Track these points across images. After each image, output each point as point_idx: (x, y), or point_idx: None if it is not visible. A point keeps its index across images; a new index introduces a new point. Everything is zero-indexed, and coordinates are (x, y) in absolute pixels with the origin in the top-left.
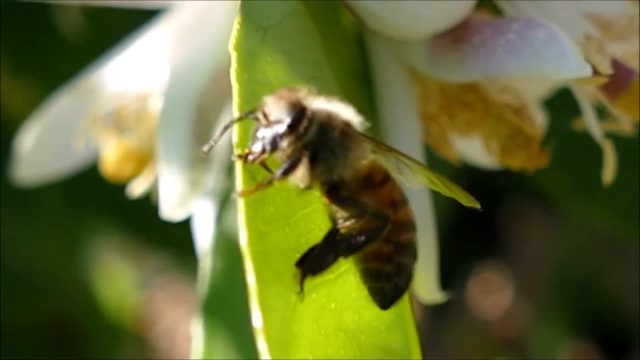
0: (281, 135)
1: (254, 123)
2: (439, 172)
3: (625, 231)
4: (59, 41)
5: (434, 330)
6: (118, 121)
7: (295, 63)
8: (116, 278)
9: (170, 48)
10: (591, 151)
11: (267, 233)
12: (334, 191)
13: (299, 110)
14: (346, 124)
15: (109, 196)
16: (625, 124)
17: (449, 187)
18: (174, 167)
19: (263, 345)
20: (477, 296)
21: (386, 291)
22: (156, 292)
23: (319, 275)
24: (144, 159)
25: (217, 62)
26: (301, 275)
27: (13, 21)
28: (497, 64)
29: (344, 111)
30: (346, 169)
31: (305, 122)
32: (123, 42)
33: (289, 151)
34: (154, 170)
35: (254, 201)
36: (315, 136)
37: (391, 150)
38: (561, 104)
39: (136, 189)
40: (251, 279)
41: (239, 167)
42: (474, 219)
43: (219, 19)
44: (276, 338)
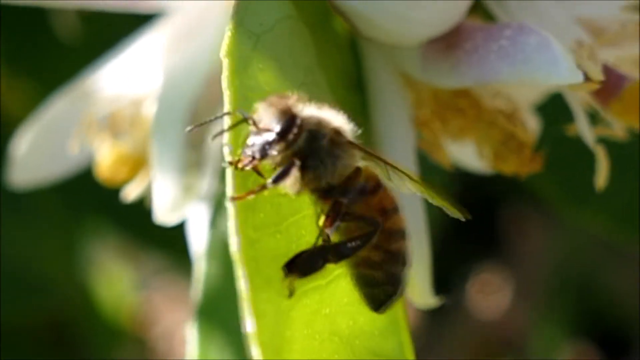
0: (271, 143)
1: (247, 130)
2: (430, 180)
3: (620, 235)
4: (56, 43)
5: (433, 331)
6: (113, 125)
7: (287, 69)
8: (114, 279)
9: (165, 52)
10: (584, 156)
11: (257, 239)
12: (324, 198)
13: (288, 118)
14: (336, 131)
15: (106, 198)
16: (617, 129)
17: (438, 196)
18: (168, 172)
19: (256, 350)
20: (476, 297)
21: (377, 297)
22: (154, 293)
23: (307, 279)
24: (138, 163)
25: (211, 67)
26: (287, 277)
27: (10, 23)
28: (490, 69)
29: (335, 118)
30: (335, 177)
31: (294, 130)
32: (119, 44)
33: (278, 158)
34: (148, 175)
35: (245, 208)
36: (304, 144)
37: (381, 158)
38: (555, 109)
39: (130, 193)
40: (243, 284)
41: (229, 173)
42: (473, 220)
43: (214, 24)
44: (269, 343)
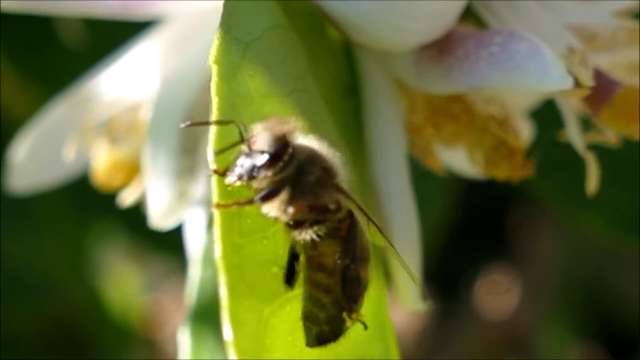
0: (259, 167)
1: (239, 147)
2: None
3: (619, 240)
4: (61, 47)
5: (441, 332)
6: (110, 131)
7: (277, 76)
8: (123, 282)
9: (162, 59)
10: (583, 160)
11: (243, 246)
12: (294, 227)
13: (281, 146)
14: (326, 170)
15: (115, 200)
16: (610, 135)
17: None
18: (162, 178)
19: (234, 358)
20: (484, 298)
21: (313, 333)
22: (163, 295)
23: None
24: (134, 169)
25: (207, 74)
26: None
27: (15, 27)
28: (480, 76)
29: (330, 157)
30: (311, 215)
31: (285, 159)
32: (123, 48)
33: (264, 183)
34: (145, 180)
35: (231, 214)
36: (291, 174)
37: (363, 210)
38: (549, 114)
39: (126, 198)
40: (223, 292)
41: (214, 180)
42: (481, 221)
43: (210, 31)
44: (248, 351)
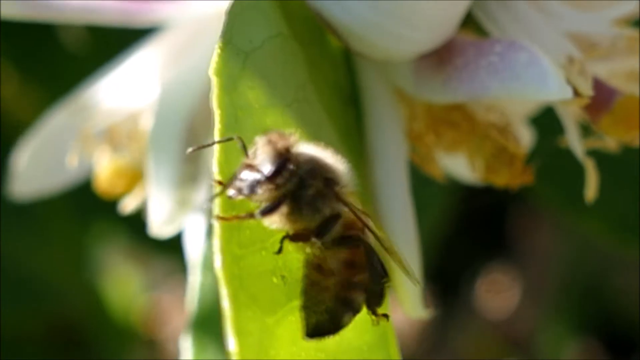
0: (260, 183)
1: (241, 158)
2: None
3: (619, 242)
4: (63, 51)
5: (441, 331)
6: (110, 139)
7: (277, 86)
8: (124, 282)
9: (162, 67)
10: (581, 164)
11: (242, 257)
12: (297, 238)
13: (282, 162)
14: (327, 182)
15: (115, 201)
16: (610, 142)
17: (404, 270)
18: (163, 186)
19: None
20: (484, 297)
21: (312, 325)
22: (164, 295)
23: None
24: (135, 176)
25: (208, 82)
26: None
27: (17, 31)
28: (480, 85)
29: (333, 165)
30: (313, 222)
31: (285, 175)
32: (124, 52)
33: (264, 197)
34: (146, 187)
35: (230, 226)
36: (293, 189)
37: (364, 220)
38: (550, 120)
39: (128, 205)
40: (225, 303)
41: (216, 192)
42: (481, 220)
43: (211, 39)
44: None
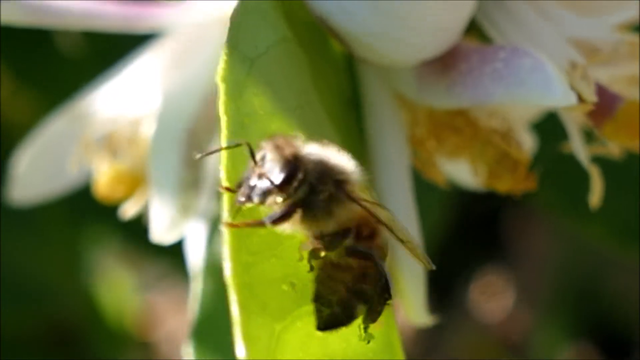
0: (270, 191)
1: (247, 163)
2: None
3: (619, 247)
4: (59, 54)
5: (435, 333)
6: (110, 145)
7: (281, 92)
8: (118, 284)
9: (163, 73)
10: (583, 169)
11: (252, 264)
12: (315, 239)
13: (292, 169)
14: (338, 184)
15: (109, 204)
16: (613, 148)
17: (420, 258)
18: (165, 193)
19: None
20: (478, 299)
21: (324, 315)
22: (157, 297)
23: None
24: (136, 182)
25: (209, 87)
26: None
27: (13, 34)
28: (484, 91)
29: (342, 164)
30: (328, 226)
31: (295, 184)
32: (122, 57)
33: (275, 204)
34: (146, 193)
35: (240, 233)
36: (303, 195)
37: (377, 216)
38: (556, 123)
39: (128, 211)
40: (235, 310)
41: (224, 199)
42: (476, 222)
43: (212, 44)
44: None
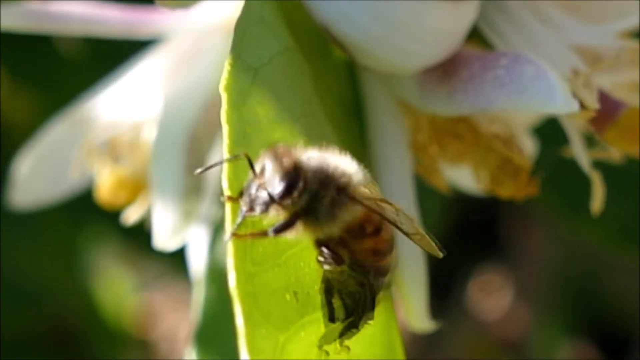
0: (272, 201)
1: (249, 174)
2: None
3: (618, 249)
4: (58, 55)
5: (434, 332)
6: (112, 150)
7: (285, 101)
8: (116, 283)
9: (164, 77)
10: (583, 174)
11: (256, 274)
12: (320, 244)
13: (292, 180)
14: (339, 189)
15: None
16: (614, 152)
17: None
18: (168, 198)
19: None
20: (477, 297)
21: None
22: (155, 295)
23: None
24: (138, 187)
25: (210, 92)
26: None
27: (13, 35)
28: (485, 98)
29: (343, 167)
30: (333, 229)
31: (295, 194)
32: (120, 58)
33: (277, 214)
34: (148, 198)
35: (244, 243)
36: (305, 204)
37: (384, 215)
38: (552, 130)
39: (130, 216)
40: (239, 321)
41: (228, 209)
42: (474, 220)
43: (213, 49)
44: None
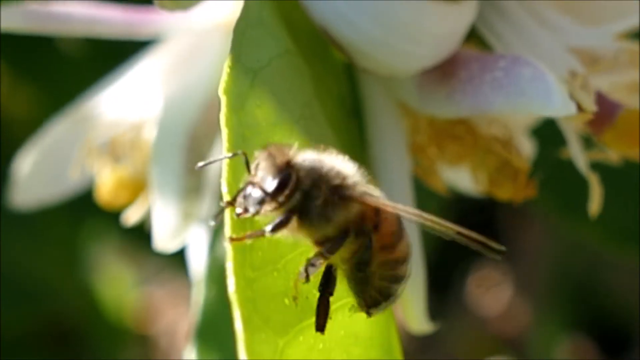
0: (263, 201)
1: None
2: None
3: (617, 249)
4: (58, 52)
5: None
6: (112, 150)
7: (284, 104)
8: (116, 279)
9: (164, 77)
10: (581, 175)
11: (255, 279)
12: (320, 244)
13: (284, 178)
14: (333, 189)
15: None
16: (612, 154)
17: (441, 225)
18: (167, 199)
19: None
20: (475, 293)
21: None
22: (155, 290)
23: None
24: (138, 187)
25: (210, 92)
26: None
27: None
28: (484, 100)
29: (338, 167)
30: (328, 229)
31: (287, 192)
32: (120, 55)
33: (272, 213)
34: (148, 198)
35: (243, 248)
36: (297, 203)
37: (385, 204)
38: (550, 131)
39: (131, 216)
40: (239, 325)
41: (227, 213)
42: (473, 215)
43: (212, 49)
44: None
